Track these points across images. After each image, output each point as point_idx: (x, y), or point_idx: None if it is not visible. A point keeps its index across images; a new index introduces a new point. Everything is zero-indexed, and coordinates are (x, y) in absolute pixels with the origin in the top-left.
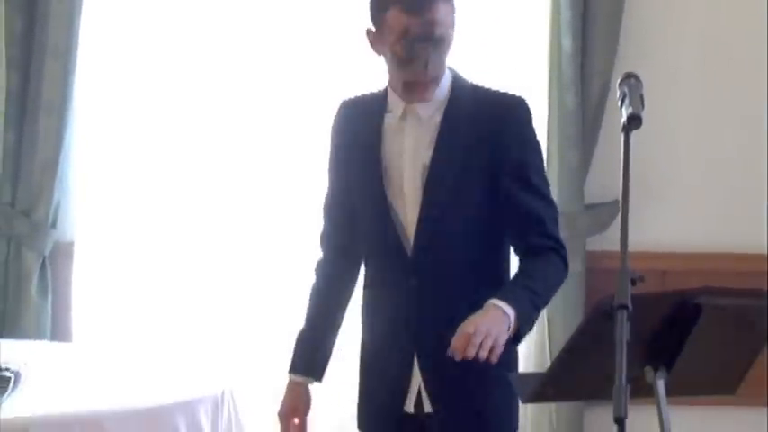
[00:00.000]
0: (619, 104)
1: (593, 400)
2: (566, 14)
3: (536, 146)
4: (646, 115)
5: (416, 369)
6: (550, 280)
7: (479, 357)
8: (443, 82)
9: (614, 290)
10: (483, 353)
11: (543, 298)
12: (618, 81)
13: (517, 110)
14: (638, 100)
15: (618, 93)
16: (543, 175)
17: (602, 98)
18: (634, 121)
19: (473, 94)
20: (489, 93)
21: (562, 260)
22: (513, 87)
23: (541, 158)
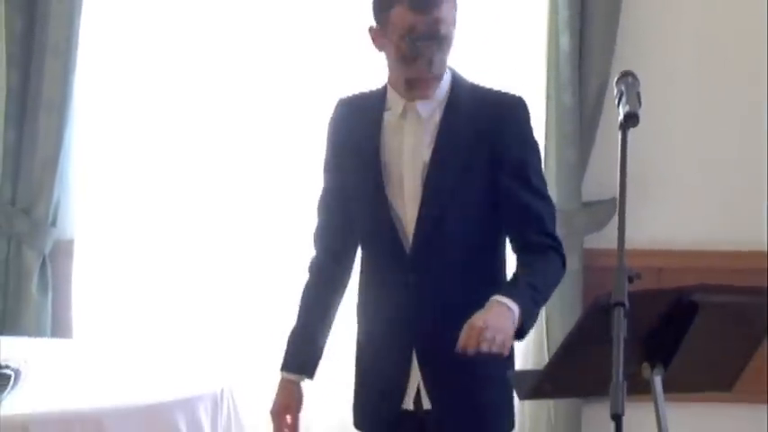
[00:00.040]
0: (616, 103)
1: (590, 397)
2: (563, 14)
3: (535, 145)
4: (643, 113)
5: (415, 366)
6: (550, 278)
7: (492, 352)
8: (443, 80)
9: (611, 287)
10: (495, 348)
11: (544, 295)
12: (615, 79)
13: (517, 109)
14: (635, 98)
15: (615, 91)
16: (541, 175)
17: (599, 97)
18: (631, 120)
19: (472, 93)
20: (488, 92)
21: (560, 258)
22: (512, 86)
23: (539, 158)
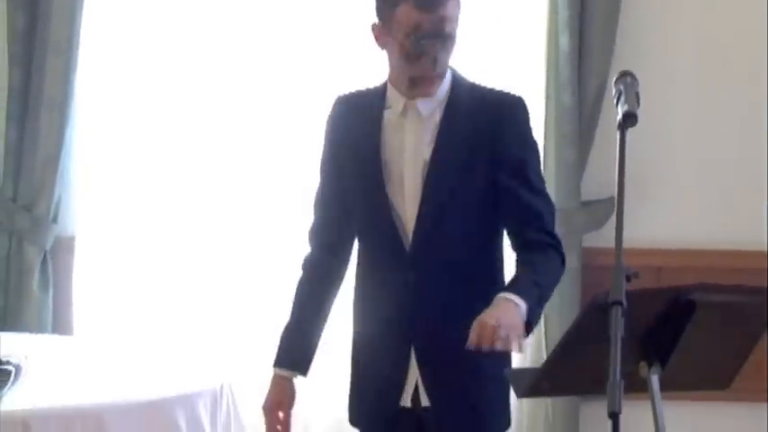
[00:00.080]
0: (615, 102)
1: (588, 395)
2: (563, 14)
3: (534, 145)
4: (642, 113)
5: (413, 363)
6: (552, 276)
7: (506, 350)
8: (444, 80)
9: (609, 286)
10: (509, 346)
11: (547, 293)
12: (614, 79)
13: (517, 109)
14: (633, 98)
15: (614, 91)
16: (540, 174)
17: (598, 96)
18: (630, 119)
19: (472, 93)
20: (488, 91)
21: (560, 256)
22: (511, 86)
23: (539, 158)
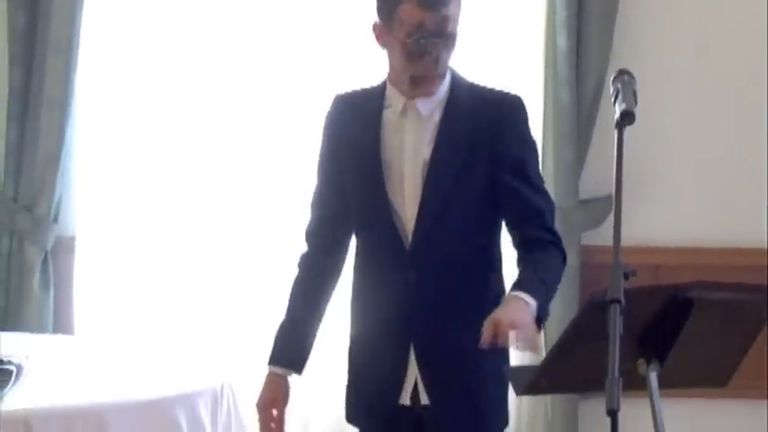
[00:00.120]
0: (612, 101)
1: (587, 393)
2: (561, 13)
3: (533, 145)
4: (640, 112)
5: (413, 362)
6: (556, 273)
7: (523, 349)
8: (444, 79)
9: (607, 284)
10: (523, 344)
11: (553, 290)
12: (611, 78)
13: (516, 109)
14: (631, 96)
15: (611, 89)
16: (539, 173)
17: (596, 95)
18: (627, 118)
19: (471, 93)
20: (487, 91)
21: (561, 253)
22: (510, 84)
23: (537, 156)
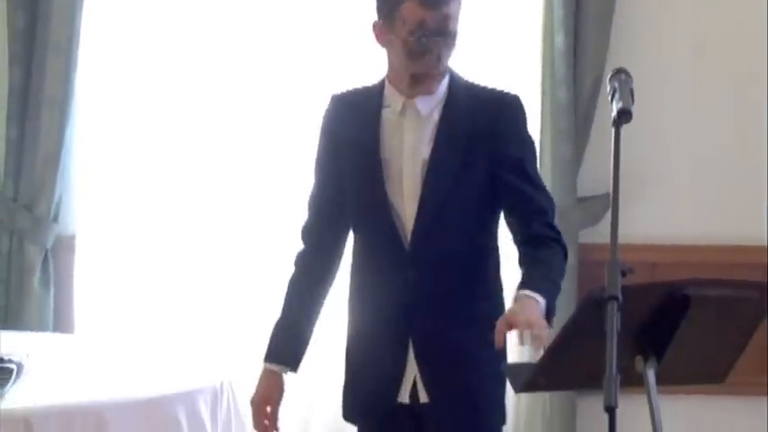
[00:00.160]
0: (609, 99)
1: (585, 390)
2: (558, 13)
3: (531, 144)
4: (637, 110)
5: (412, 360)
6: (560, 270)
7: (537, 348)
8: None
9: (605, 282)
10: (537, 343)
11: (559, 287)
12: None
13: (514, 108)
14: (628, 95)
15: (608, 88)
16: (537, 171)
17: (594, 93)
18: (624, 116)
19: (469, 92)
20: (485, 90)
21: (563, 250)
22: (508, 83)
23: (535, 155)
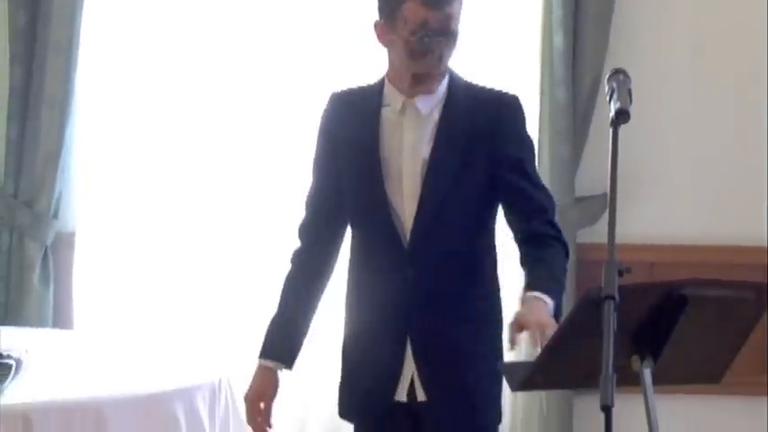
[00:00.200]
0: (607, 99)
1: (581, 389)
2: (557, 13)
3: (530, 143)
4: (635, 111)
5: (410, 358)
6: (564, 269)
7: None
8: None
9: (602, 281)
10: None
11: (563, 287)
12: (607, 77)
13: (513, 108)
14: (626, 95)
15: (606, 88)
16: (536, 171)
17: (592, 93)
18: (622, 116)
19: (469, 91)
20: (484, 90)
21: (564, 248)
22: (507, 83)
23: (534, 155)
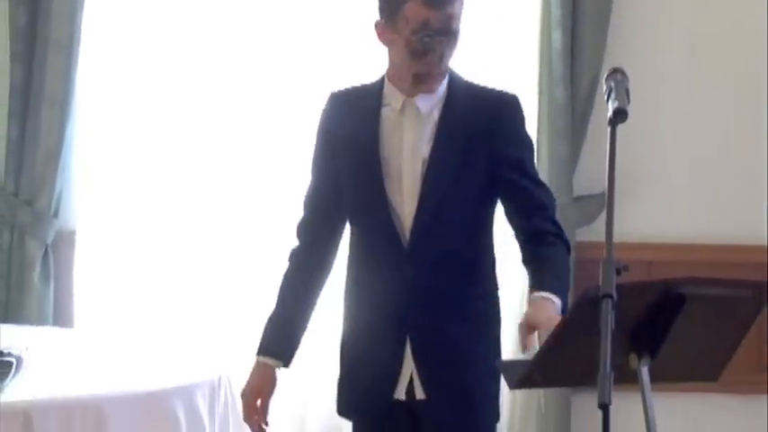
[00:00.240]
0: (605, 99)
1: (579, 387)
2: (556, 12)
3: (530, 143)
4: (633, 110)
5: (409, 357)
6: (568, 267)
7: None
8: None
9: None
10: None
11: (568, 285)
12: (605, 76)
13: (513, 108)
14: (623, 94)
15: (604, 87)
16: (536, 169)
17: (590, 93)
18: (620, 115)
19: (468, 91)
20: (484, 90)
21: (566, 245)
22: (506, 82)
23: (534, 154)
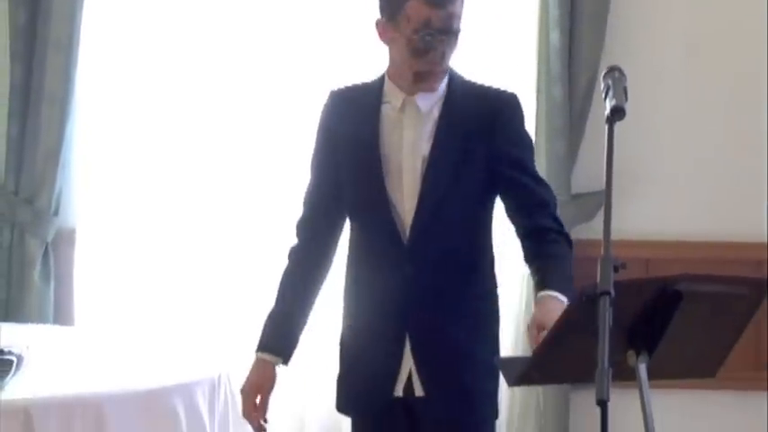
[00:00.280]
0: (603, 97)
1: (578, 383)
2: (554, 12)
3: (529, 141)
4: (631, 108)
5: (408, 354)
6: (570, 264)
7: None
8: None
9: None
10: None
11: (572, 282)
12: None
13: (512, 106)
14: (621, 92)
15: (602, 85)
16: (535, 167)
17: (588, 91)
18: (617, 113)
19: (468, 89)
20: (484, 88)
21: (568, 242)
22: (504, 80)
23: (533, 152)
